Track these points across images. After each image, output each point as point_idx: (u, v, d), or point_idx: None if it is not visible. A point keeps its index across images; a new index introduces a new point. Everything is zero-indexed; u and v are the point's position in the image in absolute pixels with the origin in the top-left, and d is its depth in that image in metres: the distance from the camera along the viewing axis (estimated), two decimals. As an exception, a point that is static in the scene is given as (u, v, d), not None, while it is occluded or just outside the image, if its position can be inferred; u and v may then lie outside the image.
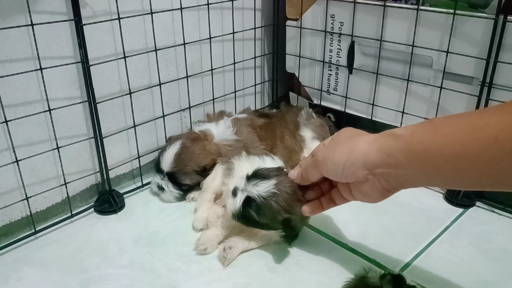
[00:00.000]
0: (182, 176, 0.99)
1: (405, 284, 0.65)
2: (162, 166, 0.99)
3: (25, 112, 0.84)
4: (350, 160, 0.65)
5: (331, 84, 1.18)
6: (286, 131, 1.13)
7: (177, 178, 0.99)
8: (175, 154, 0.98)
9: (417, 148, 0.58)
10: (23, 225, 0.91)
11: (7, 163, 0.84)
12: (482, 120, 0.54)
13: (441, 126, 0.58)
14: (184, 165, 0.98)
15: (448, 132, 0.56)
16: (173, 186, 1.00)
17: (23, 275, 0.80)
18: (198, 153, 0.98)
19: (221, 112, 1.16)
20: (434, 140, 0.57)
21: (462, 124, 0.56)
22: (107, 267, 0.81)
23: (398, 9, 0.98)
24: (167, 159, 0.98)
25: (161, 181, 1.00)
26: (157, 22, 0.97)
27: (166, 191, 1.00)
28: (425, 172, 0.59)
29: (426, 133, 0.59)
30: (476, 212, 0.96)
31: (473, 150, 0.53)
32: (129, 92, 0.97)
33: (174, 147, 0.98)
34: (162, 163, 0.99)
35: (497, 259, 0.82)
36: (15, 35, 0.80)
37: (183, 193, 1.01)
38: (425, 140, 0.58)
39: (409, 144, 0.59)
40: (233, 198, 0.80)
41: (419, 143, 0.58)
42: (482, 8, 0.88)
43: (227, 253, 0.82)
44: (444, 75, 0.96)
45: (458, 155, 0.54)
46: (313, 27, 1.15)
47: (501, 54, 0.87)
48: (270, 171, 0.80)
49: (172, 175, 0.99)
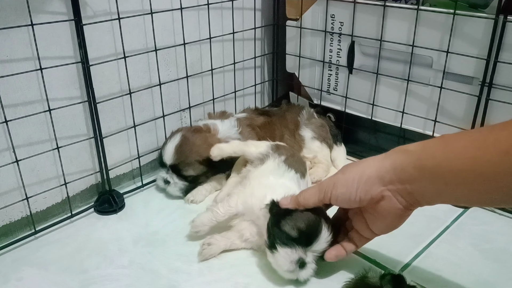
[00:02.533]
0: (185, 167, 0.99)
1: (405, 284, 0.65)
2: (165, 159, 0.99)
3: (25, 112, 0.84)
4: (363, 176, 0.65)
5: (331, 84, 1.18)
6: (285, 130, 1.13)
7: (181, 169, 0.99)
8: (176, 146, 0.98)
9: (429, 163, 0.58)
10: (23, 225, 0.91)
11: (7, 163, 0.84)
12: (492, 135, 0.54)
13: (452, 141, 0.58)
14: (186, 156, 0.98)
15: (459, 147, 0.56)
16: (178, 178, 1.00)
17: (23, 275, 0.80)
18: (199, 144, 0.99)
19: (223, 112, 1.16)
20: (445, 155, 0.57)
21: (472, 139, 0.56)
22: (107, 267, 0.81)
23: (398, 9, 0.98)
24: (169, 151, 0.98)
25: (166, 174, 1.00)
26: (157, 22, 0.97)
27: (171, 184, 1.00)
28: (437, 187, 0.59)
29: (437, 148, 0.59)
30: (476, 212, 0.96)
31: (484, 165, 0.53)
32: (129, 92, 0.97)
33: (174, 140, 0.99)
34: (165, 156, 0.99)
35: (497, 259, 0.82)
36: (15, 35, 0.80)
37: (189, 185, 1.01)
38: (436, 155, 0.58)
39: (420, 159, 0.60)
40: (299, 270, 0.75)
41: (431, 158, 0.59)
42: (482, 8, 0.88)
43: (204, 249, 0.82)
44: (444, 75, 0.96)
45: (468, 169, 0.54)
46: (313, 27, 1.15)
47: (501, 54, 0.87)
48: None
49: (175, 167, 0.99)
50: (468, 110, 0.95)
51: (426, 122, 1.02)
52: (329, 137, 1.15)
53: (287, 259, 0.73)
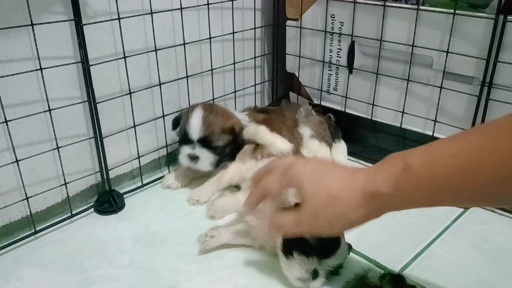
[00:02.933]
0: (214, 138, 0.98)
1: (405, 284, 0.65)
2: (191, 134, 0.98)
3: (25, 112, 0.84)
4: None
5: (331, 84, 1.18)
6: (283, 126, 1.13)
7: (210, 141, 0.98)
8: (202, 117, 0.97)
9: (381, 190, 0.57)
10: (23, 225, 0.91)
11: (7, 163, 0.84)
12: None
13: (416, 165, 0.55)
14: (214, 126, 0.98)
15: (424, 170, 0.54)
16: (208, 151, 0.98)
17: (23, 275, 0.80)
18: (222, 114, 1.01)
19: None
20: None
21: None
22: (107, 267, 0.81)
23: (398, 9, 0.98)
24: (195, 125, 0.97)
25: (192, 150, 0.98)
26: (157, 22, 0.97)
27: (201, 158, 0.98)
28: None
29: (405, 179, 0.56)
30: (476, 212, 0.96)
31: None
32: (129, 92, 0.97)
33: (197, 113, 0.98)
34: (191, 132, 0.98)
35: (497, 259, 0.82)
36: (15, 35, 0.80)
37: (218, 158, 1.00)
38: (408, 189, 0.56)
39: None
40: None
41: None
42: (482, 8, 0.88)
43: (206, 240, 0.82)
44: (444, 75, 0.96)
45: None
46: (313, 27, 1.15)
47: (501, 54, 0.87)
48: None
49: (205, 139, 0.98)
50: (468, 110, 0.95)
51: (426, 122, 1.02)
52: (328, 134, 1.15)
53: (303, 267, 0.72)
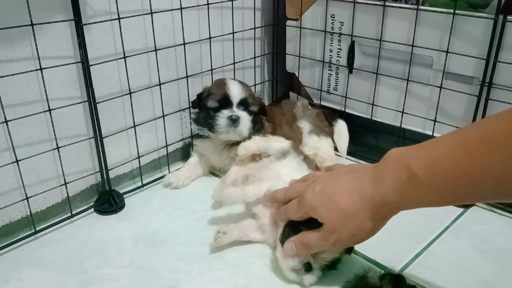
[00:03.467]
0: (252, 101, 1.02)
1: (405, 284, 0.65)
2: (232, 97, 1.01)
3: (25, 112, 0.84)
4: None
5: (331, 84, 1.18)
6: (283, 119, 1.15)
7: (249, 103, 1.02)
8: (239, 82, 1.03)
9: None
10: (23, 225, 0.91)
11: (7, 163, 0.84)
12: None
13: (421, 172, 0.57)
14: (250, 90, 1.04)
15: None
16: (247, 114, 1.01)
17: (23, 275, 0.80)
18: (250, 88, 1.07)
19: None
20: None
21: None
22: (107, 267, 0.81)
23: (398, 9, 0.98)
24: (236, 87, 1.02)
25: (232, 113, 1.00)
26: (157, 22, 0.97)
27: (242, 120, 1.00)
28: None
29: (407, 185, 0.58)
30: (476, 212, 0.96)
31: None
32: (129, 92, 0.97)
33: (233, 80, 1.04)
34: (232, 94, 1.01)
35: (497, 259, 0.82)
36: (15, 35, 0.80)
37: (253, 125, 1.03)
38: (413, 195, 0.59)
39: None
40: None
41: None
42: (482, 8, 0.88)
43: (219, 237, 0.82)
44: (444, 75, 0.96)
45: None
46: (313, 27, 1.15)
47: (501, 53, 0.87)
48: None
49: (245, 101, 1.01)
50: (468, 110, 0.95)
51: (425, 122, 1.03)
52: (326, 124, 1.17)
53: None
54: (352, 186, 0.64)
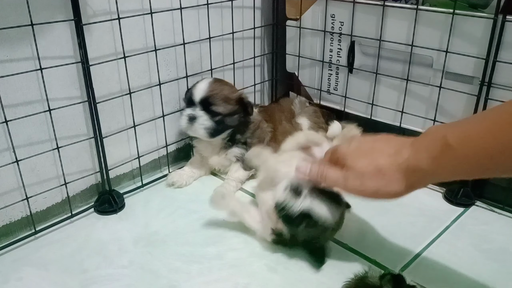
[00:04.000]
0: (216, 101, 0.99)
1: (405, 284, 0.65)
2: (195, 96, 1.00)
3: (25, 112, 0.84)
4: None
5: (331, 84, 1.18)
6: (282, 115, 1.17)
7: (211, 103, 0.99)
8: (209, 82, 1.02)
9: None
10: (23, 225, 0.91)
11: (7, 163, 0.84)
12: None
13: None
14: (218, 91, 1.00)
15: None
16: (207, 115, 0.99)
17: (23, 275, 0.80)
18: (231, 87, 1.04)
19: None
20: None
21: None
22: (107, 267, 0.82)
23: (397, 9, 0.98)
24: (201, 86, 1.01)
25: (192, 111, 1.00)
26: (157, 22, 0.97)
27: (198, 119, 0.99)
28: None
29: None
30: (476, 211, 0.96)
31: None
32: (129, 92, 0.97)
33: (206, 80, 1.03)
34: (195, 93, 1.00)
35: (497, 259, 0.82)
36: (15, 35, 0.80)
37: (215, 126, 1.00)
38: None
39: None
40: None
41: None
42: (482, 8, 0.88)
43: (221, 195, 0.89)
44: (443, 74, 0.96)
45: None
46: (313, 27, 1.15)
47: (500, 53, 0.87)
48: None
49: (206, 100, 0.99)
50: (468, 109, 0.95)
51: (425, 122, 1.03)
52: (322, 121, 1.19)
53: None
54: (390, 153, 0.66)
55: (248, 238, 0.89)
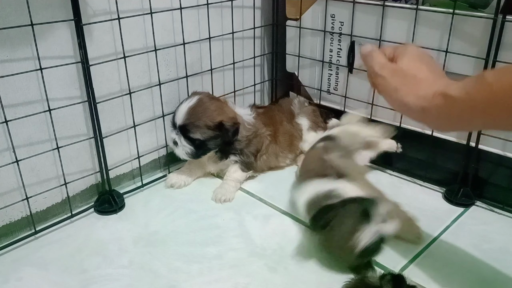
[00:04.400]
0: (193, 129, 0.99)
1: (405, 284, 0.65)
2: (176, 119, 1.00)
3: (25, 112, 0.84)
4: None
5: (331, 84, 1.18)
6: (283, 117, 1.17)
7: (189, 131, 0.99)
8: (189, 107, 0.99)
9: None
10: (23, 225, 0.91)
11: (7, 163, 0.84)
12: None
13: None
14: (197, 118, 0.99)
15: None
16: (185, 141, 1.00)
17: (23, 275, 0.80)
18: (214, 110, 1.00)
19: None
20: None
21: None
22: (107, 267, 0.82)
23: (397, 9, 0.98)
24: (181, 111, 1.00)
25: (175, 135, 1.00)
26: (157, 22, 0.97)
27: (179, 145, 1.00)
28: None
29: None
30: (476, 211, 0.96)
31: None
32: (129, 92, 0.97)
33: (190, 101, 1.00)
34: (176, 117, 1.00)
35: (497, 259, 0.82)
36: (15, 35, 0.80)
37: (196, 150, 1.00)
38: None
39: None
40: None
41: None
42: (482, 8, 0.88)
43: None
44: (443, 75, 0.96)
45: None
46: (313, 27, 1.15)
47: (500, 53, 0.87)
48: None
49: (184, 128, 0.99)
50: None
51: (426, 122, 1.02)
52: (321, 120, 1.20)
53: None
54: (433, 71, 0.68)
55: (248, 238, 0.89)
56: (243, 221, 0.94)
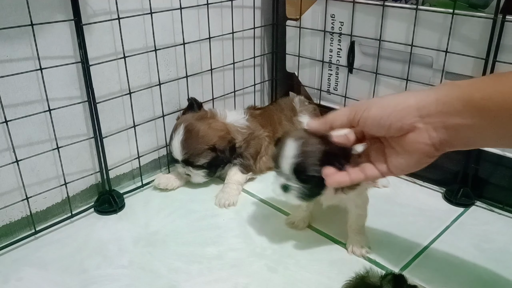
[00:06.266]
0: (196, 158, 1.00)
1: (405, 284, 0.65)
2: (175, 156, 1.02)
3: (25, 112, 0.84)
4: (401, 104, 0.61)
5: (331, 84, 1.18)
6: (282, 115, 1.17)
7: (192, 162, 1.01)
8: (181, 141, 1.00)
9: (476, 96, 0.55)
10: (23, 225, 0.91)
11: (7, 163, 0.84)
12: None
13: (504, 76, 0.56)
14: (194, 148, 1.00)
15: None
16: (194, 169, 1.02)
17: (23, 275, 0.80)
18: (203, 135, 1.00)
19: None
20: (496, 88, 0.55)
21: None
22: (107, 267, 0.81)
23: (397, 9, 0.98)
24: (176, 148, 1.01)
25: (182, 169, 1.03)
26: (157, 22, 0.97)
27: (192, 175, 1.04)
28: (480, 123, 0.56)
29: (487, 82, 0.57)
30: (476, 211, 0.96)
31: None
32: (129, 92, 0.97)
33: (178, 134, 1.00)
34: (174, 154, 1.02)
35: (497, 259, 0.82)
36: (15, 35, 0.80)
37: (209, 171, 1.04)
38: (485, 88, 0.56)
39: (468, 92, 0.56)
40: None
41: (480, 90, 0.56)
42: (482, 8, 0.88)
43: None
44: (443, 74, 0.96)
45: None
46: (313, 27, 1.15)
47: (500, 53, 0.87)
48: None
49: (187, 161, 1.01)
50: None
51: (425, 122, 1.02)
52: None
53: (275, 182, 0.78)
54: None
55: (248, 238, 0.89)
56: (243, 221, 0.94)
